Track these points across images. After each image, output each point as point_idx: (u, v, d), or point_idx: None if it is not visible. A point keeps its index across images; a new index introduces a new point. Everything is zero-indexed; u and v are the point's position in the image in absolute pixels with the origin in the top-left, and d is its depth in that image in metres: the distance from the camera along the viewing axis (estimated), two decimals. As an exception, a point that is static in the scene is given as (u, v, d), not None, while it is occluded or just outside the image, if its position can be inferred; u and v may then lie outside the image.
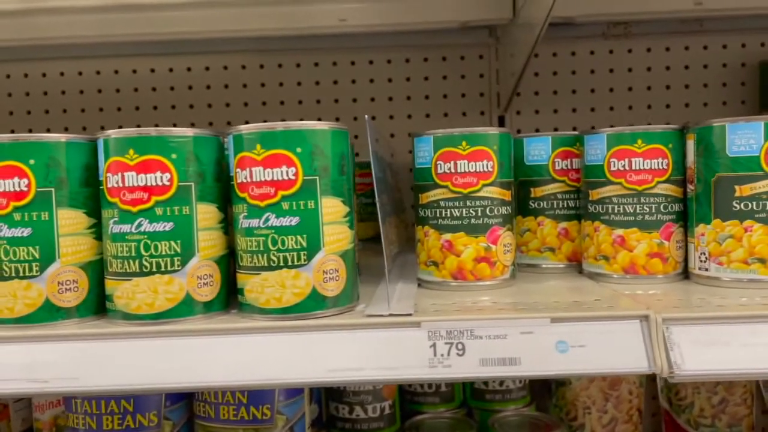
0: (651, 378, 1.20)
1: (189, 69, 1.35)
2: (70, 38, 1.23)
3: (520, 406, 1.10)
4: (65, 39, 1.23)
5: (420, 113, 1.33)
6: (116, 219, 0.62)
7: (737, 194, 0.69)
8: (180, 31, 1.22)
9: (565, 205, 0.83)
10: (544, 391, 1.18)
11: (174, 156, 0.62)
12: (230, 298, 0.68)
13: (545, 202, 0.84)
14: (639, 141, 0.74)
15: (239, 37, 1.27)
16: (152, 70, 1.36)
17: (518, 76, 1.14)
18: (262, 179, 0.61)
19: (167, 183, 0.61)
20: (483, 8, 1.14)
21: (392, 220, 0.86)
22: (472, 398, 1.10)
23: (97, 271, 0.66)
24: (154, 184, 0.61)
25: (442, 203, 0.73)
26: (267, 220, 0.61)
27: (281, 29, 1.19)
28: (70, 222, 0.64)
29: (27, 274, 0.62)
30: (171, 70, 1.36)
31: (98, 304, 0.66)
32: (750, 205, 0.68)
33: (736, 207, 0.69)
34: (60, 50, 1.32)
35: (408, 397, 1.10)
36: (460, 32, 1.28)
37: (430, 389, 1.10)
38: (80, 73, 1.35)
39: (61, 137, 0.64)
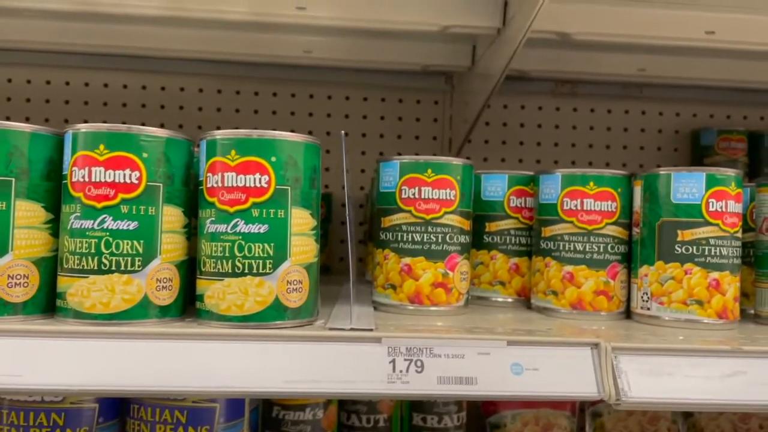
0: (580, 427, 1.23)
1: (144, 87, 1.34)
2: (21, 43, 1.20)
3: (456, 446, 1.10)
4: (14, 44, 1.20)
5: (374, 151, 1.36)
6: (78, 214, 0.60)
7: (679, 238, 0.74)
8: (139, 47, 1.21)
9: (518, 241, 0.87)
10: (479, 432, 1.19)
11: (145, 155, 0.61)
12: (186, 306, 0.66)
13: (499, 237, 0.87)
14: (591, 183, 0.78)
15: (199, 59, 1.27)
16: (105, 85, 1.34)
17: (471, 123, 1.19)
18: (234, 185, 0.61)
19: (136, 181, 0.61)
20: (444, 54, 1.19)
21: (354, 252, 0.87)
22: (409, 435, 1.10)
23: (49, 268, 0.63)
24: (122, 181, 0.60)
25: (404, 227, 0.75)
26: (235, 225, 0.61)
27: (245, 54, 1.20)
28: (27, 215, 0.62)
29: (-25, 264, 0.60)
30: (125, 86, 1.34)
31: (47, 303, 0.63)
32: (691, 249, 0.73)
33: (677, 250, 0.74)
34: (8, 56, 1.28)
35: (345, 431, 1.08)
36: (418, 77, 1.33)
37: (368, 424, 1.09)
38: (29, 81, 1.32)
39: (26, 127, 0.63)
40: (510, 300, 0.87)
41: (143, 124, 1.37)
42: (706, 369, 0.62)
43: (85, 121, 1.30)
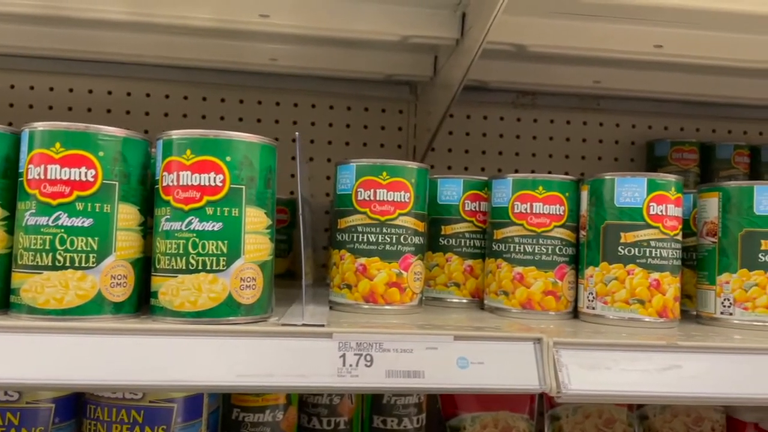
0: (539, 430, 1.25)
1: (110, 92, 1.35)
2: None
3: (416, 447, 1.11)
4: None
5: (339, 157, 1.37)
6: (33, 211, 0.61)
7: (622, 240, 0.77)
8: (105, 52, 1.21)
9: (472, 244, 0.89)
10: (439, 435, 1.20)
11: (101, 153, 0.62)
12: (141, 303, 0.68)
13: (454, 240, 0.90)
14: (540, 188, 0.81)
15: (166, 64, 1.28)
16: (70, 90, 1.34)
17: (434, 132, 1.22)
18: (189, 183, 0.62)
19: (91, 179, 0.62)
20: (406, 64, 1.22)
21: (308, 253, 0.88)
22: (369, 437, 1.11)
23: (4, 265, 0.64)
24: (77, 179, 0.61)
25: (359, 228, 0.77)
26: (190, 223, 0.62)
27: (212, 61, 1.21)
28: (-18, 211, 0.63)
29: (-72, 259, 0.60)
30: (90, 91, 1.34)
31: (1, 299, 0.64)
32: (633, 251, 0.76)
33: (621, 252, 0.77)
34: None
35: (306, 433, 1.09)
36: (383, 86, 1.35)
37: (329, 426, 1.10)
38: (-8, 85, 1.31)
39: (-17, 126, 0.63)
40: (464, 301, 0.89)
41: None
42: (643, 363, 0.65)
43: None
